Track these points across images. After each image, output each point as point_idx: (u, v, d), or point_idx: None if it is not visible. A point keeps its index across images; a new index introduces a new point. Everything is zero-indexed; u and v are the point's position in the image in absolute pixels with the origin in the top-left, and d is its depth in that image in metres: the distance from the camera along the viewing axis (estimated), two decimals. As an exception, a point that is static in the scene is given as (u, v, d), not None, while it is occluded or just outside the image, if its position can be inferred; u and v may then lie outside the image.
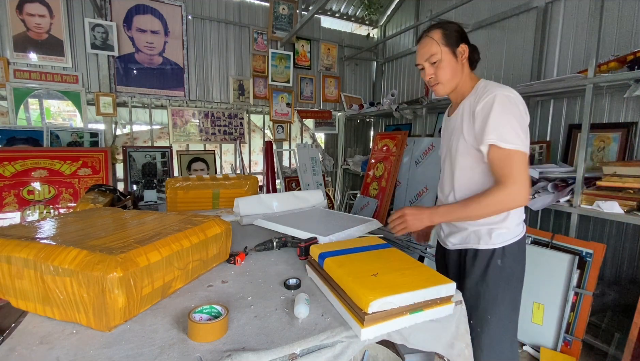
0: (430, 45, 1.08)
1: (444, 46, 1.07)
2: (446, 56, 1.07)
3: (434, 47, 1.07)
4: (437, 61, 1.07)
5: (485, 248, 1.07)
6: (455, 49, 1.08)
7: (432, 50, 1.08)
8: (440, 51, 1.07)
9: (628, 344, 1.58)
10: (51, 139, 2.79)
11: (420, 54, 1.12)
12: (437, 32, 1.08)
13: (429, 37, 1.09)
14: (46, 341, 0.66)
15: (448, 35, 1.07)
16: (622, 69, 1.81)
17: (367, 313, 0.68)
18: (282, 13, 3.64)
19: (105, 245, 0.76)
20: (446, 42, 1.07)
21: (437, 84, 1.11)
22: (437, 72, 1.09)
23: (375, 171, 3.46)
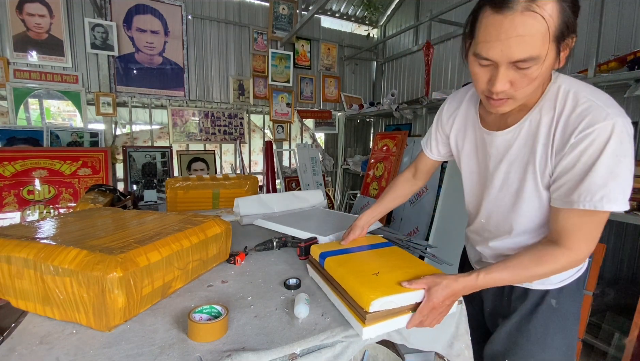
0: (533, 37, 0.56)
1: (553, 42, 0.58)
2: (549, 61, 0.60)
3: (540, 42, 0.57)
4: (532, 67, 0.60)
5: (538, 288, 0.82)
6: (563, 42, 0.60)
7: (535, 49, 0.57)
8: (547, 52, 0.58)
9: (628, 344, 1.58)
10: (51, 139, 2.79)
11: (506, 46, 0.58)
12: (554, 7, 0.56)
13: (535, 14, 0.55)
14: (46, 341, 0.66)
15: (565, 17, 0.57)
16: (622, 69, 1.81)
17: (369, 312, 0.67)
18: (282, 13, 3.64)
19: (105, 245, 0.76)
20: (559, 31, 0.58)
21: (507, 100, 0.66)
22: (521, 83, 0.62)
23: (375, 171, 3.46)
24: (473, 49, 0.64)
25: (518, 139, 0.74)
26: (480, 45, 0.62)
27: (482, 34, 0.61)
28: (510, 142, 0.75)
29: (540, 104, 0.70)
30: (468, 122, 0.87)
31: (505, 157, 0.77)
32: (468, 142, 0.88)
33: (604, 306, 1.97)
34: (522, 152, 0.74)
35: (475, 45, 0.63)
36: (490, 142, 0.79)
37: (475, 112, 0.85)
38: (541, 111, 0.70)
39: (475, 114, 0.85)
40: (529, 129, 0.72)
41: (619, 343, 1.73)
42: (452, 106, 0.93)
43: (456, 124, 0.91)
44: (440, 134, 0.98)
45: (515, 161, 0.75)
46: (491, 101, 0.68)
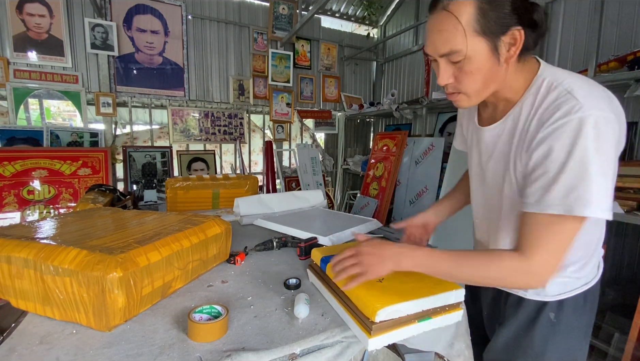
0: (450, 33, 0.60)
1: (475, 35, 0.59)
2: (479, 55, 0.61)
3: (457, 37, 0.60)
4: (461, 61, 0.62)
5: (533, 298, 0.77)
6: (498, 39, 0.60)
7: (453, 43, 0.61)
8: (466, 46, 0.60)
9: (628, 344, 1.58)
10: (51, 139, 2.79)
11: (431, 41, 0.64)
12: (468, 4, 0.58)
13: (449, 13, 0.60)
14: (46, 341, 0.66)
15: (486, 13, 0.58)
16: (622, 69, 1.81)
17: (375, 322, 0.65)
18: (282, 13, 3.64)
19: (105, 245, 0.76)
20: (482, 27, 0.59)
21: (458, 94, 0.68)
22: (460, 77, 0.65)
23: (375, 171, 3.46)
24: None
25: (502, 135, 0.72)
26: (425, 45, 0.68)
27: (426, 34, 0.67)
28: (495, 139, 0.74)
29: (523, 98, 0.68)
30: (471, 119, 0.87)
31: (493, 154, 0.75)
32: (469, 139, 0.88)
33: (604, 306, 1.97)
34: (504, 149, 0.72)
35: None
36: (481, 138, 0.79)
37: (475, 109, 0.85)
38: (522, 105, 0.68)
39: (475, 110, 0.85)
40: (512, 124, 0.70)
41: (619, 343, 1.73)
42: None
43: (464, 121, 0.93)
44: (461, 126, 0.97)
45: (500, 158, 0.73)
46: (448, 96, 0.70)
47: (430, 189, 2.99)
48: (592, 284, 0.75)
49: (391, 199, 3.25)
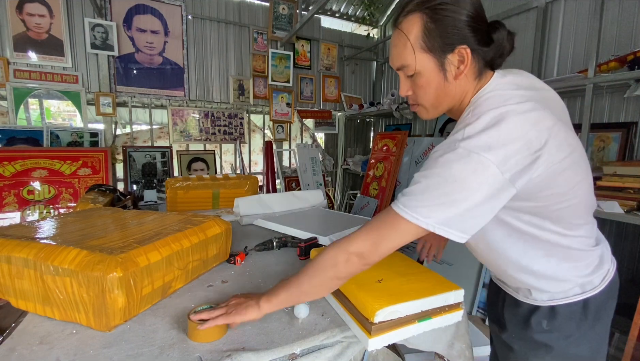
0: (400, 48, 0.66)
1: (422, 52, 0.63)
2: (427, 70, 0.65)
3: (405, 52, 0.65)
4: (414, 75, 0.66)
5: (525, 301, 0.75)
6: (444, 56, 0.63)
7: (402, 58, 0.66)
8: (415, 62, 0.64)
9: (628, 344, 1.58)
10: (51, 139, 2.79)
11: (390, 55, 0.70)
12: (415, 21, 0.62)
13: (398, 29, 0.65)
14: (46, 341, 0.66)
15: (431, 32, 0.61)
16: (622, 69, 1.81)
17: (374, 323, 0.66)
18: (282, 13, 3.64)
19: (105, 245, 0.76)
20: (428, 45, 0.63)
21: (417, 106, 0.72)
22: (415, 90, 0.69)
23: (375, 171, 3.46)
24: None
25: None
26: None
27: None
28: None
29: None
30: None
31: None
32: None
33: (604, 306, 1.97)
34: None
35: None
36: None
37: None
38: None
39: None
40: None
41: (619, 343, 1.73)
42: None
43: None
44: None
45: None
46: (410, 107, 0.75)
47: (430, 189, 2.99)
48: (593, 293, 0.70)
49: (391, 199, 3.24)
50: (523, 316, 0.76)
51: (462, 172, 0.55)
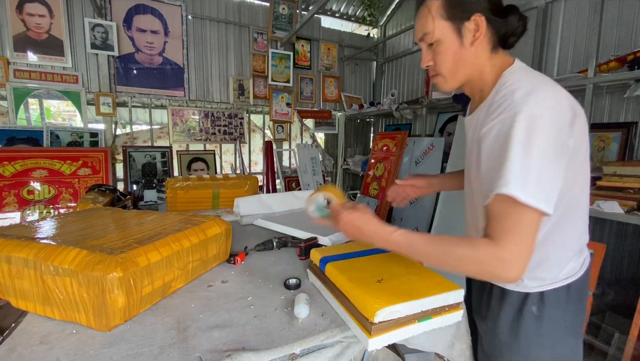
0: (424, 18, 0.74)
1: (442, 20, 0.72)
2: (445, 37, 0.72)
3: (428, 22, 0.73)
4: (434, 43, 0.74)
5: (515, 290, 0.78)
6: (461, 23, 0.71)
7: (425, 27, 0.74)
8: (434, 29, 0.73)
9: (628, 344, 1.58)
10: (51, 139, 2.79)
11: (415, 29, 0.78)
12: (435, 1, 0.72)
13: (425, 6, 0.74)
14: (46, 341, 0.66)
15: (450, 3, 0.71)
16: (622, 69, 1.81)
17: (374, 323, 0.66)
18: (282, 13, 3.64)
19: (105, 245, 0.76)
20: (447, 13, 0.71)
21: (436, 76, 0.78)
22: (435, 58, 0.76)
23: (375, 171, 3.46)
24: None
25: (476, 122, 0.77)
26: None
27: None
28: (472, 125, 0.79)
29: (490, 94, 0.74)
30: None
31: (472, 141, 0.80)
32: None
33: (604, 306, 1.97)
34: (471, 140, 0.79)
35: None
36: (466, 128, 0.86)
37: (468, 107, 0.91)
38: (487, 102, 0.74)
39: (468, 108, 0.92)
40: (480, 113, 0.75)
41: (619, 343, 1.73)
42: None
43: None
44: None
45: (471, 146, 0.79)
46: (431, 79, 0.81)
47: (430, 189, 2.99)
48: (575, 277, 0.75)
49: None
50: (512, 306, 0.78)
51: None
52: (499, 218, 0.63)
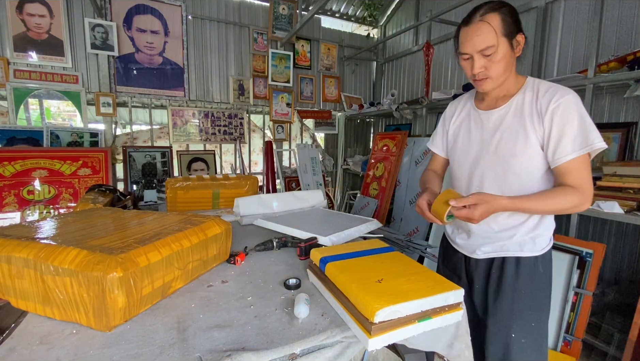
0: (487, 34, 0.91)
1: (502, 36, 0.91)
2: (503, 48, 0.92)
3: (491, 37, 0.91)
4: (493, 54, 0.92)
5: (529, 255, 1.00)
6: (512, 39, 0.93)
7: (489, 41, 0.91)
8: (497, 43, 0.91)
9: (628, 344, 1.58)
10: (51, 139, 2.79)
11: (471, 43, 0.94)
12: (495, 17, 0.91)
13: (485, 22, 0.91)
14: (46, 341, 0.66)
15: (507, 23, 0.92)
16: (622, 69, 1.81)
17: (374, 323, 0.66)
18: (282, 13, 3.64)
19: (105, 245, 0.76)
20: (505, 30, 0.91)
21: (486, 79, 0.96)
22: (491, 65, 0.94)
23: (375, 171, 3.46)
24: (458, 51, 1.00)
25: (508, 114, 1.00)
26: (461, 47, 0.98)
27: (461, 40, 0.98)
28: (502, 117, 1.01)
29: (523, 89, 1.00)
30: (464, 112, 1.14)
31: (499, 128, 1.01)
32: (463, 128, 1.13)
33: (604, 306, 1.97)
34: (511, 123, 0.99)
35: (459, 49, 0.99)
36: (486, 119, 1.05)
37: (471, 103, 1.13)
38: (524, 93, 0.99)
39: (471, 104, 1.13)
40: (517, 106, 0.99)
41: (619, 343, 1.73)
42: (453, 107, 1.20)
43: (454, 118, 1.17)
44: (444, 129, 1.22)
45: (507, 130, 1.00)
46: (476, 82, 0.99)
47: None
48: (552, 241, 1.05)
49: (391, 199, 3.25)
50: (527, 267, 1.00)
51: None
52: (578, 170, 0.90)
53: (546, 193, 0.93)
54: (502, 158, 0.99)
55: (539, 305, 1.01)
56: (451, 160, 1.17)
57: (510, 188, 0.99)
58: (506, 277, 1.02)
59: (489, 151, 1.02)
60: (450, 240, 1.18)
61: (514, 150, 0.97)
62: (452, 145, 1.16)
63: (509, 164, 0.98)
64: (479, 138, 1.06)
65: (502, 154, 0.99)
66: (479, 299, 1.09)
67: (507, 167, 0.99)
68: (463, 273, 1.14)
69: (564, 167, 0.91)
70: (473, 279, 1.10)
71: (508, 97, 1.01)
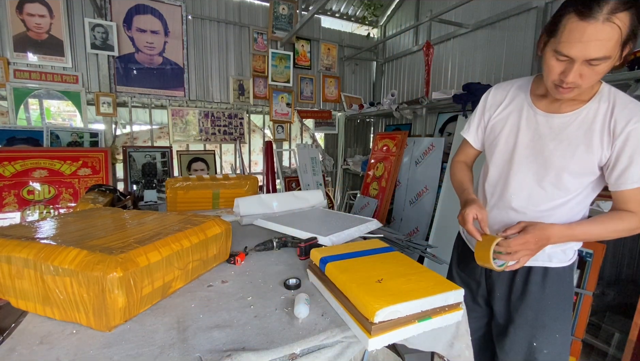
0: (609, 41, 0.69)
1: (621, 45, 0.71)
2: (614, 59, 0.74)
3: (612, 45, 0.70)
4: (601, 64, 0.73)
5: (557, 266, 0.97)
6: (626, 44, 0.73)
7: (608, 50, 0.70)
8: (616, 54, 0.72)
9: (628, 344, 1.58)
10: (51, 139, 2.79)
11: (584, 47, 0.71)
12: (626, 17, 0.68)
13: (613, 24, 0.68)
14: (46, 341, 0.66)
15: (634, 27, 0.70)
16: (622, 69, 1.81)
17: (374, 323, 0.66)
18: (282, 13, 3.64)
19: (105, 245, 0.76)
20: (627, 37, 0.71)
21: (573, 89, 0.79)
22: (589, 75, 0.75)
23: (375, 171, 3.47)
24: (554, 46, 0.77)
25: (574, 123, 0.87)
26: (562, 45, 0.74)
27: (566, 35, 0.73)
28: (566, 125, 0.88)
29: (597, 97, 0.85)
30: (515, 105, 0.98)
31: (558, 136, 0.89)
32: (510, 125, 0.98)
33: (604, 306, 1.97)
34: (575, 134, 0.87)
35: (556, 44, 0.76)
36: (544, 122, 0.92)
37: (526, 98, 0.97)
38: (599, 103, 0.84)
39: (526, 99, 0.97)
40: (586, 116, 0.86)
41: (619, 343, 1.73)
42: (500, 94, 1.04)
43: (500, 108, 1.02)
44: (482, 119, 1.08)
45: (566, 140, 0.88)
46: (560, 89, 0.81)
47: (430, 189, 2.99)
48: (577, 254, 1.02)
49: (391, 199, 3.25)
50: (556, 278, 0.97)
51: None
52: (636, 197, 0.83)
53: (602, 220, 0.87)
54: (552, 169, 0.90)
55: (564, 315, 0.98)
56: (488, 157, 1.05)
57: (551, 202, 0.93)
58: (531, 286, 0.98)
59: (536, 159, 0.92)
60: (470, 244, 1.12)
61: (568, 163, 0.87)
62: (492, 141, 1.03)
63: (558, 177, 0.89)
64: (528, 143, 0.94)
65: (555, 165, 0.89)
66: (499, 307, 1.06)
67: (552, 180, 0.90)
68: (483, 278, 1.09)
69: (627, 193, 0.84)
70: (494, 286, 1.06)
71: (578, 103, 0.87)
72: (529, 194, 0.95)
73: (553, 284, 0.97)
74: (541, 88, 0.93)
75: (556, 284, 0.97)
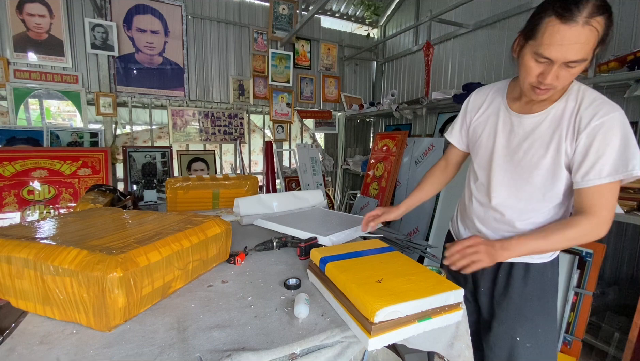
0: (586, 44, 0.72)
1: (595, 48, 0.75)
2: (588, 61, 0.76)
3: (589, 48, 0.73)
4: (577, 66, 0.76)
5: (538, 262, 0.98)
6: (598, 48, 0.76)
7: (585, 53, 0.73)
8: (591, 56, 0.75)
9: (628, 344, 1.58)
10: (51, 139, 2.79)
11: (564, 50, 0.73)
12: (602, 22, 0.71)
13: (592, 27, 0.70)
14: (46, 341, 0.66)
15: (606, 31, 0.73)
16: (622, 69, 1.81)
17: (374, 323, 0.66)
18: (282, 13, 3.64)
19: (105, 245, 0.76)
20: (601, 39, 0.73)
21: (549, 90, 0.82)
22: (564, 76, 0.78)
23: (375, 171, 3.47)
24: (533, 48, 0.78)
25: (544, 122, 0.89)
26: (543, 47, 0.75)
27: (546, 38, 0.74)
28: (537, 125, 0.91)
29: (566, 96, 0.87)
30: (493, 108, 1.02)
31: (530, 136, 0.92)
32: (489, 127, 1.02)
33: (604, 306, 1.97)
34: (545, 133, 0.89)
35: (537, 46, 0.77)
36: (518, 123, 0.94)
37: (502, 101, 1.00)
38: (567, 101, 0.86)
39: (502, 102, 1.00)
40: (555, 115, 0.87)
41: (619, 343, 1.73)
42: (479, 98, 1.08)
43: (479, 112, 1.06)
44: (464, 121, 1.12)
45: (538, 139, 0.90)
46: (537, 90, 0.83)
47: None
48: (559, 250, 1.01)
49: (391, 199, 3.25)
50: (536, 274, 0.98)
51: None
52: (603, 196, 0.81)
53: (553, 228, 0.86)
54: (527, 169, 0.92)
55: (547, 310, 1.00)
56: (473, 159, 1.09)
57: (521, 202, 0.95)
58: (514, 281, 1.00)
59: (512, 159, 0.95)
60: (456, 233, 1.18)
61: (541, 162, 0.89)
62: (475, 143, 1.07)
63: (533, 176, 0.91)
64: (505, 143, 0.97)
65: (529, 164, 0.91)
66: (484, 303, 1.08)
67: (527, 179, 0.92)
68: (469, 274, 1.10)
69: (590, 190, 0.82)
70: (479, 282, 1.09)
71: (548, 102, 0.89)
72: (507, 195, 0.98)
73: (535, 279, 0.98)
74: (516, 90, 0.96)
75: (538, 280, 0.99)
